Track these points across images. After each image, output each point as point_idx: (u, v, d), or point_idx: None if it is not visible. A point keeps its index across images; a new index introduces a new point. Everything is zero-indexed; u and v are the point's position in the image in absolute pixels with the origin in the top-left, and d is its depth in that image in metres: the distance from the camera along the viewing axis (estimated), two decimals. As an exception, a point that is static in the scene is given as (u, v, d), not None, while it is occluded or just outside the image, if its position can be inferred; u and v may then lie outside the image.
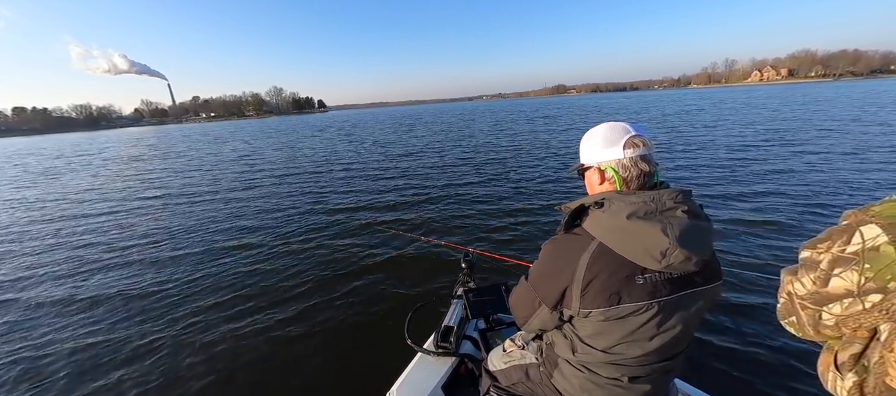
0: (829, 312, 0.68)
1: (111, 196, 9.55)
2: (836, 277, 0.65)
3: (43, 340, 3.24)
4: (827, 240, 0.69)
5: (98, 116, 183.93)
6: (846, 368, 0.69)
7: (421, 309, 1.99)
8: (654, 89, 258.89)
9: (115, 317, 3.57)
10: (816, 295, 0.69)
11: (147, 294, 3.99)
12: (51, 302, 3.95)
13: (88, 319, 3.57)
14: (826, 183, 6.46)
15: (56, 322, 3.54)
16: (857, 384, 0.67)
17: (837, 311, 0.67)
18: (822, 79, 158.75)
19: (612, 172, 0.89)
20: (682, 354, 0.93)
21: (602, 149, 0.90)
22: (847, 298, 0.65)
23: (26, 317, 3.65)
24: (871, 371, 0.65)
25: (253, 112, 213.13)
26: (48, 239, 6.21)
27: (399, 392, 1.53)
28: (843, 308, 0.66)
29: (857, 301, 0.63)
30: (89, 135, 68.65)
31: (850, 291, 0.64)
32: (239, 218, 6.70)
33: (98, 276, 4.54)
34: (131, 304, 3.80)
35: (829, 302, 0.68)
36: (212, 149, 21.72)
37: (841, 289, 0.65)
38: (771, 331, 2.73)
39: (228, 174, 11.93)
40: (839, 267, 0.65)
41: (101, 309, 3.75)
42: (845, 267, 0.64)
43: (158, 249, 5.33)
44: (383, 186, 8.59)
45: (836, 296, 0.66)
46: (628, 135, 0.87)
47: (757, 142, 11.09)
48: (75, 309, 3.78)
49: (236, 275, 4.30)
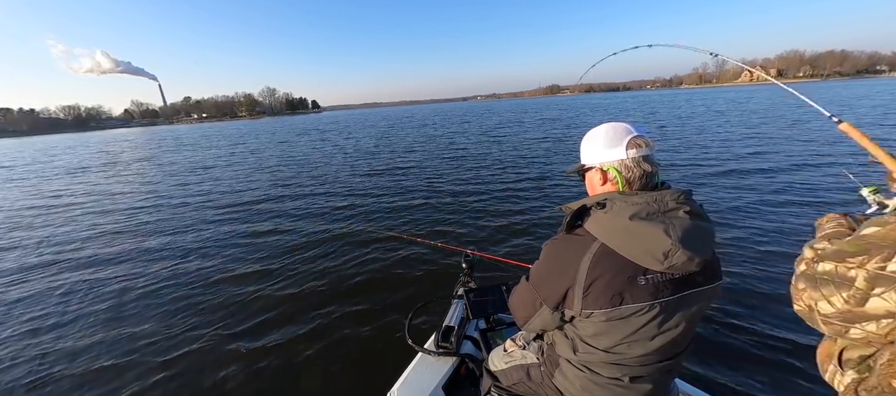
0: (862, 329, 0.62)
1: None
2: (876, 297, 0.58)
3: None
4: (860, 255, 0.61)
5: (87, 117, 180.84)
6: (850, 365, 0.67)
7: (421, 310, 1.99)
8: (647, 89, 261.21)
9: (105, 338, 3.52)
10: (849, 314, 0.63)
11: (145, 289, 3.94)
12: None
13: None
14: (826, 182, 6.57)
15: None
16: (857, 381, 0.66)
17: (872, 329, 0.61)
18: (811, 79, 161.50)
19: (614, 173, 0.89)
20: (683, 354, 0.94)
21: (604, 150, 0.90)
22: (888, 319, 0.58)
23: None
24: (875, 372, 0.63)
25: (246, 113, 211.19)
26: None
27: (400, 392, 1.53)
28: (879, 327, 0.60)
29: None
30: (76, 137, 67.27)
31: (893, 312, 0.57)
32: (237, 219, 6.65)
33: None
34: (124, 307, 3.75)
35: (863, 321, 0.62)
36: (205, 151, 21.41)
37: (881, 311, 0.58)
38: (771, 331, 2.76)
39: (220, 179, 11.78)
40: (881, 287, 0.58)
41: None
42: (888, 286, 0.57)
43: (148, 243, 5.26)
44: (383, 187, 8.55)
45: (874, 316, 0.60)
46: (631, 136, 0.87)
47: (758, 141, 11.25)
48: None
49: (236, 277, 4.26)
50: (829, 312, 0.65)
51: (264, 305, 3.62)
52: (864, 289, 0.60)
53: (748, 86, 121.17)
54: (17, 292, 4.27)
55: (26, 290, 4.30)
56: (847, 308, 0.62)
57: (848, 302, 0.62)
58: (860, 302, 0.60)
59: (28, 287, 4.40)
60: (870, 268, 0.59)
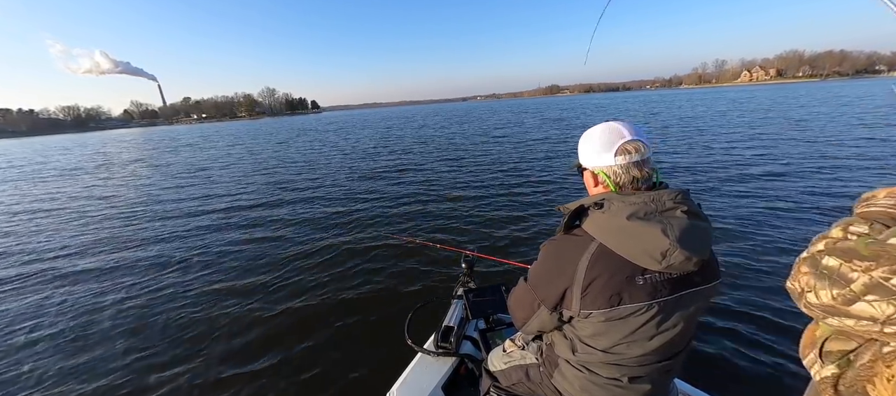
0: (839, 322, 0.61)
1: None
2: (864, 302, 0.57)
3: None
4: (871, 259, 0.57)
5: (86, 118, 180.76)
6: (830, 359, 0.65)
7: (421, 310, 1.98)
8: (647, 89, 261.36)
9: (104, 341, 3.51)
10: (832, 308, 0.61)
11: (140, 297, 3.94)
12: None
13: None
14: (828, 180, 6.59)
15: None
16: (835, 376, 0.64)
17: (848, 324, 0.60)
18: (810, 79, 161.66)
19: (604, 177, 0.90)
20: (682, 353, 0.94)
21: (595, 154, 0.90)
22: (867, 322, 0.57)
23: None
24: (853, 367, 0.62)
25: (245, 113, 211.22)
26: None
27: (399, 392, 1.53)
28: (855, 324, 0.59)
29: (877, 325, 0.56)
30: (74, 137, 67.27)
31: (876, 318, 0.56)
32: (235, 220, 6.65)
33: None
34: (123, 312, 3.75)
35: (843, 317, 0.60)
36: (205, 153, 21.41)
37: (865, 314, 0.57)
38: (770, 331, 2.76)
39: (219, 178, 11.79)
40: (874, 296, 0.56)
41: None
42: (883, 297, 0.55)
43: (140, 243, 5.26)
44: (383, 188, 8.56)
45: (854, 316, 0.59)
46: (621, 141, 0.86)
47: (757, 141, 11.27)
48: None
49: (235, 279, 4.26)
50: (815, 303, 0.64)
51: (264, 305, 3.62)
52: (857, 293, 0.57)
53: (749, 86, 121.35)
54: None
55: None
56: (832, 304, 0.61)
57: (835, 300, 0.60)
58: (848, 303, 0.59)
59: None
60: (873, 275, 0.56)
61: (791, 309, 2.99)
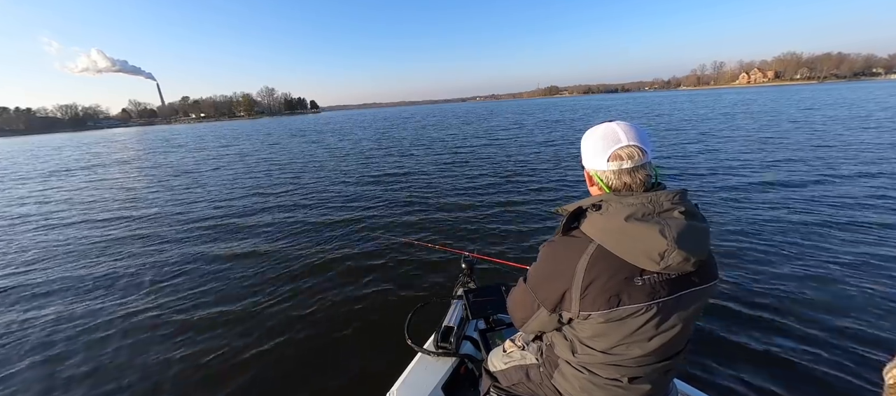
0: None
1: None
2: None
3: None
4: None
5: (84, 117, 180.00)
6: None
7: (421, 310, 1.99)
8: (645, 91, 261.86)
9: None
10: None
11: (140, 308, 3.93)
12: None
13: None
14: (829, 179, 6.62)
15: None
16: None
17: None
18: (808, 82, 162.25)
19: (598, 180, 0.91)
20: (682, 354, 0.94)
21: (591, 156, 0.91)
22: None
23: None
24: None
25: (244, 112, 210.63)
26: None
27: (399, 392, 1.54)
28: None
29: None
30: (69, 136, 66.88)
31: None
32: (234, 221, 6.63)
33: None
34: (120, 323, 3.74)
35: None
36: (200, 153, 21.32)
37: None
38: (770, 332, 2.77)
39: (218, 177, 11.76)
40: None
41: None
42: None
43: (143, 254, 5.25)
44: (382, 189, 8.56)
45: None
46: (616, 147, 0.85)
47: (757, 141, 11.30)
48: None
49: (234, 280, 4.26)
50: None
51: (262, 306, 3.61)
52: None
53: (746, 88, 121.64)
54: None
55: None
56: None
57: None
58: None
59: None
60: None
61: (789, 308, 3.01)
